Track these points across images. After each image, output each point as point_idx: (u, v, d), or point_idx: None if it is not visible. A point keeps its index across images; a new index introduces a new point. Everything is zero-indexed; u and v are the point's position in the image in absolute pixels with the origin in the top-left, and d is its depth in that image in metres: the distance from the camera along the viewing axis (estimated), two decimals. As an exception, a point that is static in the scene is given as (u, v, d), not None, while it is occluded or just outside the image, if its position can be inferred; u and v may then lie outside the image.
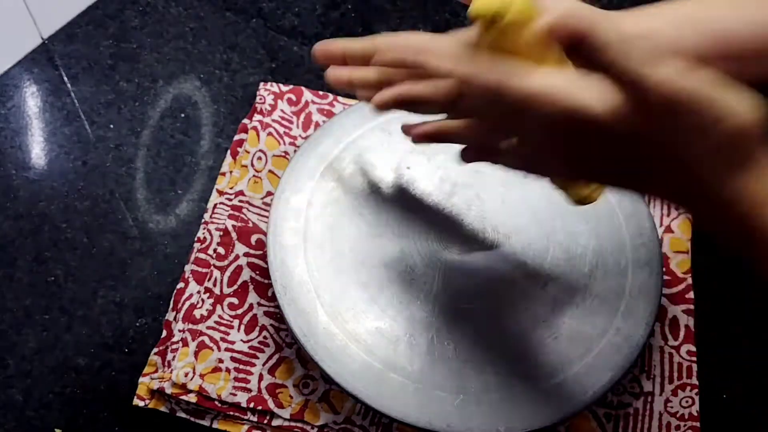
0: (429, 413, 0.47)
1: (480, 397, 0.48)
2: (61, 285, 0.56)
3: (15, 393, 0.52)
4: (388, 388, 0.48)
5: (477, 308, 0.52)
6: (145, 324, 0.55)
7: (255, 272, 0.56)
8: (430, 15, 0.74)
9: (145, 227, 0.59)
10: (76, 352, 0.53)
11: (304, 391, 0.51)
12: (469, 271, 0.53)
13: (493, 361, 0.49)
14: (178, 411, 0.51)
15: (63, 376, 0.52)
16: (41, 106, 0.65)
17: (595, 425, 0.51)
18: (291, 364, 0.52)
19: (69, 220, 0.59)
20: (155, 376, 0.51)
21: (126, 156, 0.63)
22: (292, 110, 0.64)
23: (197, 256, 0.56)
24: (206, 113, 0.66)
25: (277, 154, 0.61)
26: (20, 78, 0.67)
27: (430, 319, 0.51)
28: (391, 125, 0.59)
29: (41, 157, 0.62)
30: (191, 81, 0.67)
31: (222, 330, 0.53)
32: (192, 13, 0.72)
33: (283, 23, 0.72)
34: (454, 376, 0.49)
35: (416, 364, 0.49)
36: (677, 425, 0.51)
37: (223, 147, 0.64)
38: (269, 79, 0.68)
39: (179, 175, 0.62)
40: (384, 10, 0.74)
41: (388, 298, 0.52)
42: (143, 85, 0.67)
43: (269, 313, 0.54)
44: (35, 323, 0.54)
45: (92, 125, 0.64)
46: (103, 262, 0.57)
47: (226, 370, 0.51)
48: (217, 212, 0.58)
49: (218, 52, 0.70)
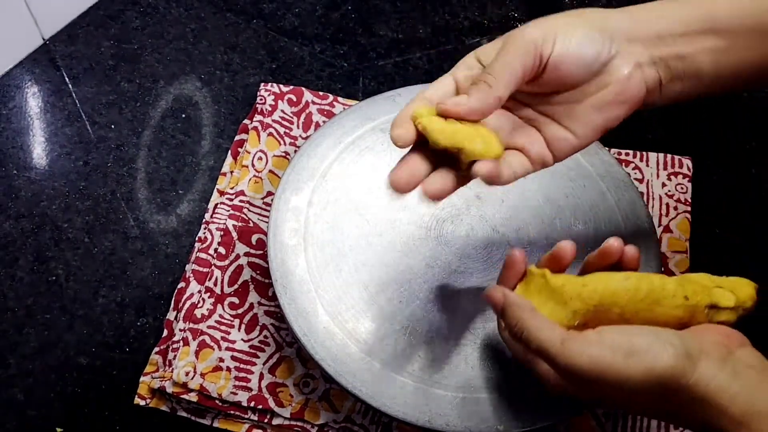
0: (429, 412, 0.47)
1: (480, 397, 0.48)
2: (62, 284, 0.56)
3: (16, 392, 0.52)
4: (388, 387, 0.48)
5: (477, 308, 0.52)
6: (146, 323, 0.55)
7: (255, 272, 0.56)
8: (429, 16, 0.74)
9: (146, 227, 0.59)
10: (77, 351, 0.54)
11: (304, 390, 0.51)
12: (469, 271, 0.54)
13: (493, 361, 0.50)
14: (178, 410, 0.51)
15: (64, 376, 0.53)
16: (42, 106, 0.65)
17: (595, 424, 0.51)
18: (291, 363, 0.52)
19: (70, 220, 0.59)
20: (156, 375, 0.52)
21: (127, 156, 0.63)
22: (292, 111, 0.64)
23: (198, 255, 0.56)
24: (207, 114, 0.66)
25: (277, 155, 0.62)
26: (21, 78, 0.67)
27: (429, 319, 0.51)
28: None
29: (43, 157, 0.62)
30: (192, 81, 0.68)
31: (223, 329, 0.53)
32: (193, 14, 0.72)
33: (283, 24, 0.72)
34: (453, 375, 0.49)
35: (416, 364, 0.49)
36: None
37: (224, 147, 0.64)
38: (270, 79, 0.68)
39: (180, 175, 0.62)
40: (384, 10, 0.74)
41: (388, 297, 0.52)
42: (144, 86, 0.67)
43: (270, 313, 0.54)
44: (36, 323, 0.54)
45: (93, 125, 0.64)
46: (104, 262, 0.57)
47: (227, 369, 0.51)
48: (218, 212, 0.58)
49: (219, 53, 0.70)
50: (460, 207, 0.57)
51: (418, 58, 0.71)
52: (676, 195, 0.61)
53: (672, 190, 0.61)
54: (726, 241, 0.60)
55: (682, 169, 0.62)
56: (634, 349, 0.36)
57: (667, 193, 0.61)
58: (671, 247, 0.58)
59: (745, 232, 0.60)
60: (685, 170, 0.62)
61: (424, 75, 0.69)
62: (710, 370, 0.36)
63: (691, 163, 0.63)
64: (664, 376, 0.35)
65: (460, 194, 0.57)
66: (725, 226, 0.61)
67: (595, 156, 0.59)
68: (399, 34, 0.72)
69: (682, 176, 0.62)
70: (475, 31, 0.73)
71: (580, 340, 0.37)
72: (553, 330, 0.38)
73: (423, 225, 0.55)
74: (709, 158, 0.64)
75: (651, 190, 0.61)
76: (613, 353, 0.36)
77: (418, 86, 0.63)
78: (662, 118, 0.67)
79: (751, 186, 0.63)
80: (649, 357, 0.36)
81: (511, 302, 0.41)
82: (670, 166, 0.62)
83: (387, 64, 0.70)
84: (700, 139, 0.65)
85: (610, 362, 0.36)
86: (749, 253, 0.59)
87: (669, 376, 0.35)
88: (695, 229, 0.60)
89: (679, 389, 0.36)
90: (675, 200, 0.61)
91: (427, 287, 0.53)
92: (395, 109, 0.60)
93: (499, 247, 0.55)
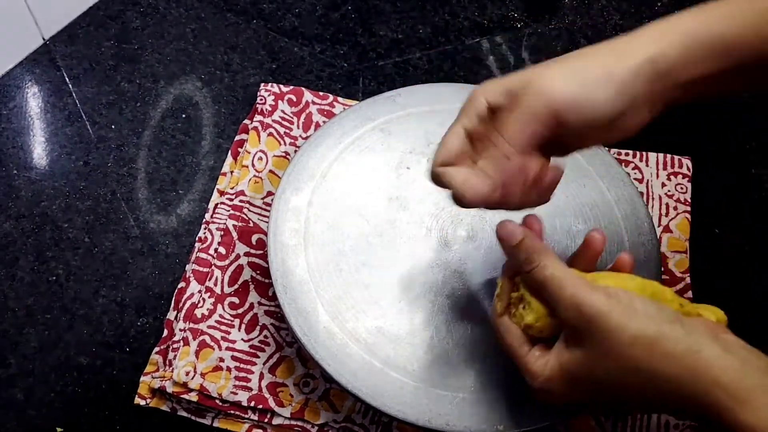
0: (428, 412, 0.47)
1: (479, 396, 0.48)
2: (62, 284, 0.56)
3: (17, 392, 0.52)
4: (388, 387, 0.48)
5: (477, 307, 0.52)
6: (147, 323, 0.55)
7: (256, 272, 0.56)
8: (429, 16, 0.74)
9: (147, 227, 0.59)
10: (77, 351, 0.54)
11: (304, 390, 0.51)
12: (469, 271, 0.54)
13: (493, 360, 0.50)
14: (179, 410, 0.51)
15: (64, 375, 0.53)
16: (43, 106, 0.65)
17: (594, 424, 0.51)
18: (291, 363, 0.52)
19: (70, 219, 0.59)
20: (156, 375, 0.52)
21: (127, 156, 0.63)
22: (292, 111, 0.64)
23: (198, 255, 0.56)
24: (207, 114, 0.66)
25: (277, 155, 0.62)
26: (22, 78, 0.67)
27: (429, 319, 0.51)
28: (390, 125, 0.60)
29: (43, 157, 0.62)
30: (192, 82, 0.68)
31: (223, 329, 0.53)
32: (193, 14, 0.72)
33: (283, 24, 0.72)
34: (453, 375, 0.49)
35: (416, 363, 0.49)
36: (675, 424, 0.51)
37: (224, 147, 0.64)
38: (270, 79, 0.68)
39: (180, 175, 0.62)
40: (384, 11, 0.74)
41: (388, 297, 0.52)
42: (144, 86, 0.67)
43: (270, 313, 0.54)
44: (37, 322, 0.54)
45: (94, 125, 0.64)
46: (104, 262, 0.57)
47: (227, 369, 0.51)
48: (218, 212, 0.58)
49: (219, 53, 0.70)
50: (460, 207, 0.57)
51: (418, 58, 0.71)
52: (676, 195, 0.61)
53: (672, 190, 0.61)
54: (726, 241, 0.60)
55: (682, 169, 0.62)
56: (636, 307, 0.37)
57: (667, 193, 0.61)
58: (671, 247, 0.58)
59: (745, 232, 0.60)
60: (685, 170, 0.62)
61: (424, 75, 0.69)
62: (702, 339, 0.36)
63: (691, 163, 0.63)
64: (659, 333, 0.36)
65: (460, 194, 0.57)
66: (725, 226, 0.61)
67: (595, 156, 0.59)
68: (399, 34, 0.72)
69: (682, 176, 0.62)
70: (475, 31, 0.73)
71: (591, 285, 0.39)
72: (567, 269, 0.40)
73: (423, 225, 0.55)
74: (709, 158, 0.64)
75: (651, 190, 0.61)
76: (618, 304, 0.37)
77: (419, 86, 0.63)
78: (662, 118, 0.67)
79: (751, 186, 0.63)
80: (648, 318, 0.37)
81: (529, 236, 0.42)
82: (670, 166, 0.62)
83: (387, 64, 0.70)
84: (700, 139, 0.65)
85: (615, 310, 0.37)
86: (749, 253, 0.59)
87: (664, 335, 0.36)
88: (695, 229, 0.60)
89: (670, 355, 0.36)
90: (675, 200, 0.61)
91: (427, 287, 0.53)
92: (395, 109, 0.60)
93: (498, 247, 0.55)
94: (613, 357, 0.37)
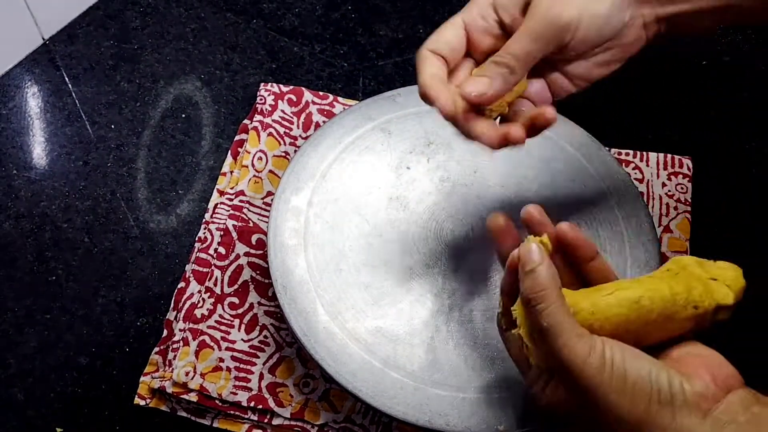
0: (428, 412, 0.47)
1: (479, 396, 0.48)
2: (62, 285, 0.56)
3: (16, 392, 0.52)
4: (388, 387, 0.48)
5: (476, 307, 0.52)
6: (146, 323, 0.55)
7: (255, 272, 0.56)
8: (429, 15, 0.74)
9: (146, 227, 0.59)
10: (77, 351, 0.54)
11: (304, 390, 0.51)
12: (469, 271, 0.54)
13: (493, 361, 0.50)
14: (178, 410, 0.51)
15: (64, 376, 0.53)
16: (42, 106, 0.65)
17: None
18: (291, 363, 0.52)
19: (70, 219, 0.59)
20: (156, 375, 0.52)
21: (127, 156, 0.63)
22: (292, 111, 0.64)
23: (198, 255, 0.56)
24: (207, 113, 0.66)
25: (277, 155, 0.62)
26: (21, 78, 0.67)
27: (429, 319, 0.51)
28: (390, 125, 0.59)
29: (42, 157, 0.62)
30: (192, 81, 0.68)
31: (223, 329, 0.53)
32: (193, 14, 0.72)
33: (283, 24, 0.72)
34: (453, 375, 0.49)
35: (416, 364, 0.49)
36: None
37: (224, 147, 0.64)
38: (270, 79, 0.68)
39: (180, 175, 0.62)
40: (384, 10, 0.74)
41: (388, 297, 0.52)
42: (144, 86, 0.67)
43: (270, 313, 0.54)
44: (36, 323, 0.54)
45: (93, 125, 0.64)
46: (104, 262, 0.57)
47: (227, 369, 0.51)
48: (218, 212, 0.58)
49: (219, 53, 0.70)
50: (460, 207, 0.57)
51: (418, 58, 0.71)
52: (676, 195, 0.61)
53: (672, 190, 0.61)
54: (726, 241, 0.60)
55: (682, 169, 0.62)
56: (628, 378, 0.36)
57: (667, 193, 0.61)
58: (671, 247, 0.58)
59: (745, 232, 0.60)
60: (685, 170, 0.62)
61: (424, 75, 0.69)
62: (689, 422, 0.35)
63: (691, 163, 0.63)
64: (646, 419, 0.35)
65: (460, 194, 0.57)
66: (725, 226, 0.61)
67: (595, 156, 0.59)
68: (399, 34, 0.72)
69: (682, 176, 0.62)
70: (475, 31, 0.73)
71: (589, 344, 0.36)
72: (573, 320, 0.37)
73: (423, 225, 0.55)
74: (709, 158, 0.64)
75: (651, 190, 0.61)
76: (611, 377, 0.36)
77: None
78: (662, 118, 0.67)
79: (751, 186, 0.63)
80: (638, 398, 0.36)
81: (542, 269, 0.38)
82: (670, 166, 0.62)
83: (387, 64, 0.70)
84: (700, 139, 0.65)
85: (604, 383, 0.36)
86: (749, 253, 0.59)
87: (650, 422, 0.35)
88: (695, 229, 0.60)
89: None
90: (675, 200, 0.61)
91: (427, 287, 0.53)
92: (395, 109, 0.60)
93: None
94: (601, 424, 0.37)
